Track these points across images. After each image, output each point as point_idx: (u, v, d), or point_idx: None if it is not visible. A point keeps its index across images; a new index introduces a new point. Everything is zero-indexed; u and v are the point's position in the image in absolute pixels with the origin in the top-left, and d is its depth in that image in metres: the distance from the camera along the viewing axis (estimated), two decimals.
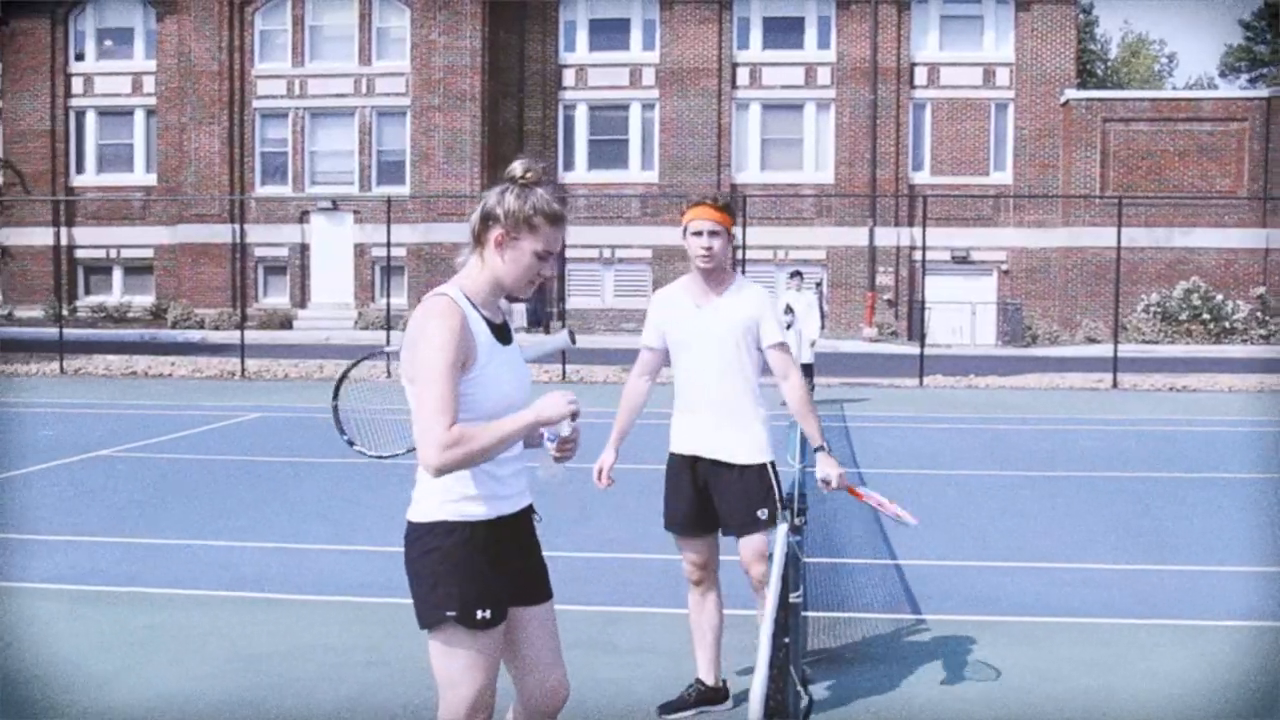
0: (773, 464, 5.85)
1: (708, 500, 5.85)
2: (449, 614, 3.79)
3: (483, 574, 3.83)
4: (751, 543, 5.76)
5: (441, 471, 3.65)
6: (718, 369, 5.79)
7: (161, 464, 13.94)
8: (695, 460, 5.86)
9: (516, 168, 3.89)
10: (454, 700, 3.88)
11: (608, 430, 5.77)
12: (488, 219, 3.87)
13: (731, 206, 5.88)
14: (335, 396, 6.26)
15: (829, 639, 7.18)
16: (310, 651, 6.93)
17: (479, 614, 3.80)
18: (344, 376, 6.39)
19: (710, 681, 6.04)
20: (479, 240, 3.91)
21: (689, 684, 6.09)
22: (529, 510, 4.09)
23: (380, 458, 6.16)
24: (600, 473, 5.87)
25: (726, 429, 5.80)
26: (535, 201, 3.85)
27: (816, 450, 5.80)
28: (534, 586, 4.09)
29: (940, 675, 6.57)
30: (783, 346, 5.87)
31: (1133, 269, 36.64)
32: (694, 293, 5.87)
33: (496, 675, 3.93)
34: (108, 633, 7.27)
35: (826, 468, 5.74)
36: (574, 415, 3.79)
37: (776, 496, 5.79)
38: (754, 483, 5.77)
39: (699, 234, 5.73)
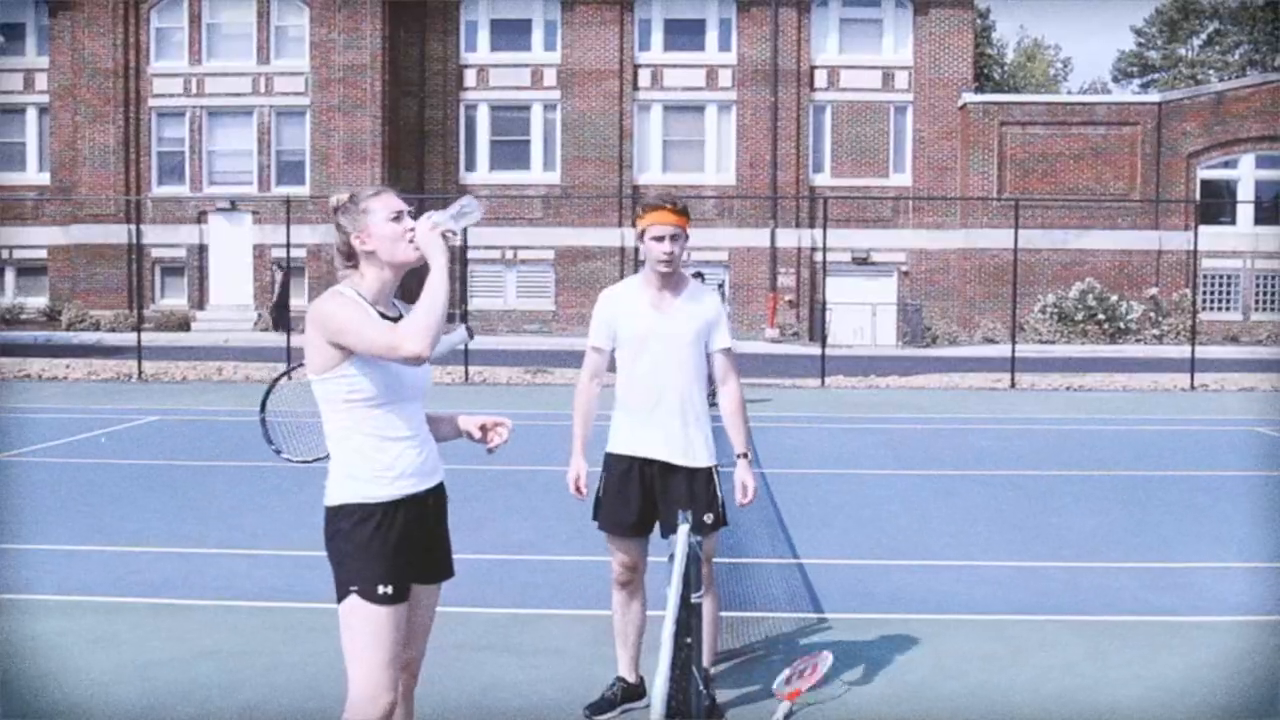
0: (716, 468, 5.92)
1: (651, 503, 5.87)
2: (352, 588, 4.10)
3: (384, 552, 4.13)
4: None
5: (424, 354, 3.97)
6: (675, 370, 5.82)
7: (57, 468, 13.69)
8: (644, 462, 5.86)
9: (333, 200, 4.34)
10: (359, 675, 4.10)
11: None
12: (345, 239, 4.27)
13: (688, 209, 5.87)
14: (262, 410, 6.25)
15: (732, 638, 7.20)
16: (207, 658, 6.82)
17: (380, 589, 4.09)
18: (270, 389, 6.37)
19: (632, 679, 6.09)
20: (349, 258, 4.30)
21: (611, 683, 6.11)
22: (438, 489, 4.37)
23: (306, 462, 6.11)
24: (577, 485, 5.89)
25: (678, 431, 5.83)
26: (357, 200, 4.27)
27: (740, 456, 5.88)
28: (435, 565, 4.40)
29: (842, 673, 6.62)
30: (729, 352, 5.96)
31: (1029, 270, 37.17)
32: (649, 294, 5.85)
33: (400, 651, 4.16)
34: None
35: (745, 475, 5.84)
36: (440, 221, 4.12)
37: (720, 500, 5.86)
38: (702, 487, 5.83)
39: (660, 239, 5.71)
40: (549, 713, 6.04)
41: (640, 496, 5.86)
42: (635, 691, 6.09)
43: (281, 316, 38.08)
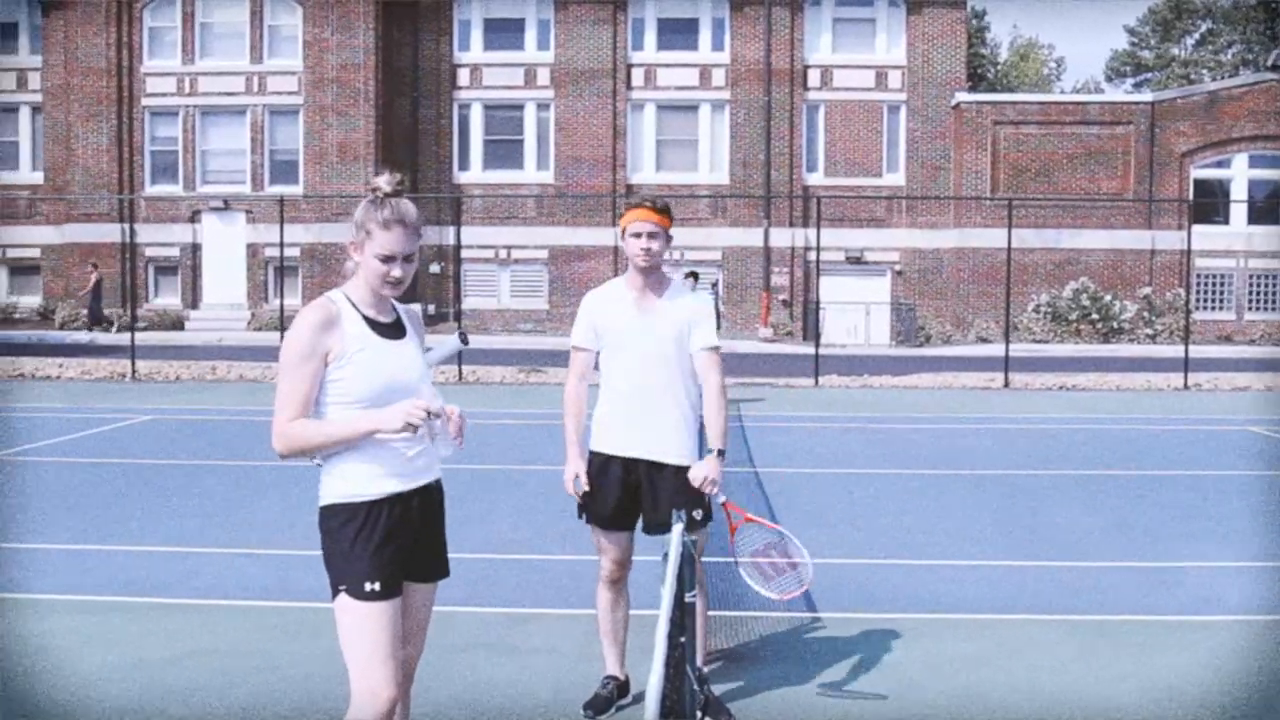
0: None
1: (635, 498, 5.87)
2: (341, 587, 4.16)
3: (368, 550, 4.15)
4: None
5: (283, 456, 4.15)
6: (660, 368, 5.84)
7: (51, 468, 13.67)
8: (627, 460, 5.85)
9: (375, 180, 4.25)
10: (357, 673, 4.12)
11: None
12: (357, 229, 4.25)
13: (670, 209, 5.93)
14: None
15: (726, 638, 7.21)
16: (201, 657, 6.82)
17: (367, 586, 4.12)
18: None
19: (621, 676, 6.12)
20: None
21: (603, 681, 6.12)
22: (429, 489, 4.36)
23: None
24: (576, 482, 5.87)
25: (661, 429, 5.83)
26: (374, 213, 4.20)
27: (710, 451, 5.77)
28: (427, 563, 4.40)
29: (835, 672, 6.63)
30: (713, 351, 5.92)
31: (1023, 269, 37.23)
32: (633, 294, 5.90)
33: (398, 648, 4.18)
34: None
35: (710, 470, 5.67)
36: (423, 420, 4.01)
37: (706, 496, 5.81)
38: (687, 482, 5.75)
39: (639, 235, 5.77)
40: (542, 712, 6.04)
41: (620, 491, 5.85)
42: (625, 687, 6.12)
43: (97, 318, 38.09)
